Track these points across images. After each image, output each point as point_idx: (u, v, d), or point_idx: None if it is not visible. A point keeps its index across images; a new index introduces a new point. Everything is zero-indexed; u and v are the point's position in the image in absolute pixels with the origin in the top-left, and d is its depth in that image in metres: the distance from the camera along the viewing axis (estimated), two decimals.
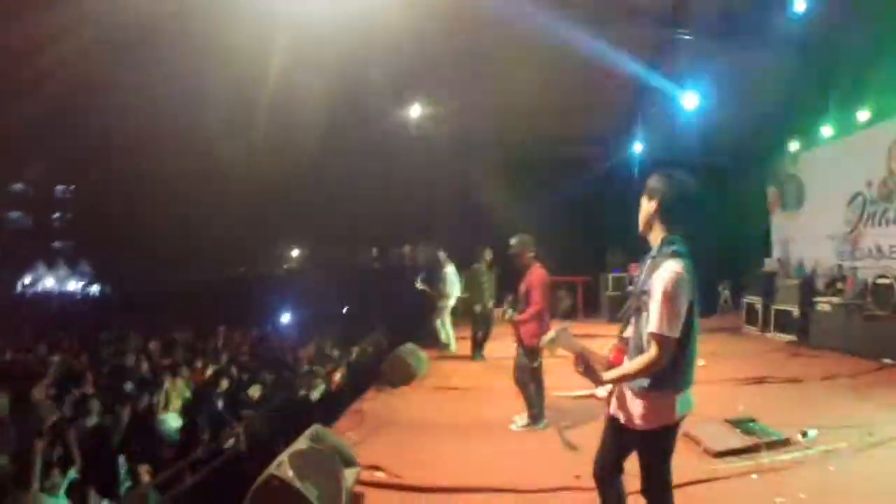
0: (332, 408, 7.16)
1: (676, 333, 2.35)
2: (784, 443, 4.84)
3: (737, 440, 4.84)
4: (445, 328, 9.79)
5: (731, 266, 13.55)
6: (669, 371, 2.42)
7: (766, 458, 4.55)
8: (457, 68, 10.39)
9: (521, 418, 5.68)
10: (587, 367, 2.53)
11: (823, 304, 9.63)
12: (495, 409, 6.26)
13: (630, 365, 2.49)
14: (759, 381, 7.30)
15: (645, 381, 2.45)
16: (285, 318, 16.29)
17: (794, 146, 12.96)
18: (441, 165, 13.95)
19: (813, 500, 3.86)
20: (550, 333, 2.54)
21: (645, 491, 2.67)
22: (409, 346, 8.26)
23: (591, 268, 14.15)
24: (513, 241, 5.75)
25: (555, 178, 13.99)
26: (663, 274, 2.39)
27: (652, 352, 2.37)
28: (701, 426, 4.85)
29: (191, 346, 11.42)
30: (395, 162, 14.00)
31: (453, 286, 9.71)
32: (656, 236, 2.58)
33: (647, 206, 2.59)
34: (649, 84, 11.50)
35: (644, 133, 13.20)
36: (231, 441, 6.04)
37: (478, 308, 8.98)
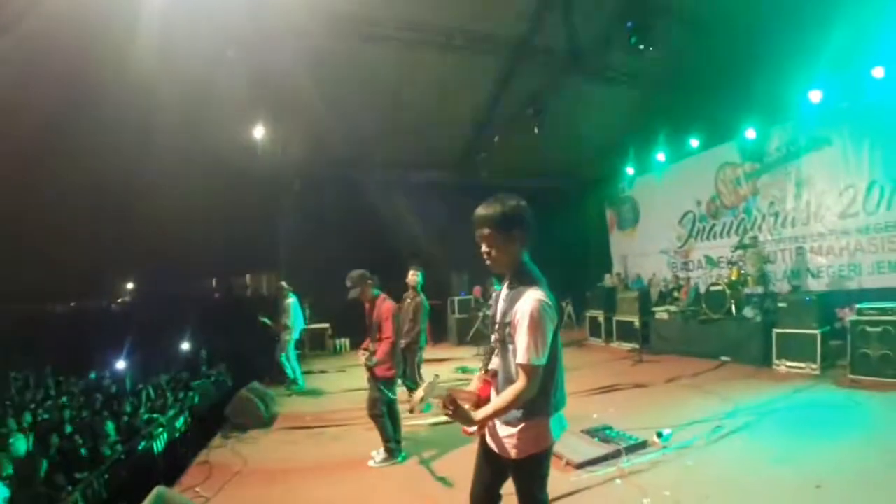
0: (177, 458, 6.33)
1: (545, 361, 2.26)
2: (642, 445, 4.86)
3: (596, 449, 4.77)
4: (291, 363, 9.04)
5: (573, 283, 13.99)
6: (541, 398, 2.34)
7: (626, 462, 4.52)
8: (304, 91, 9.97)
9: (379, 453, 5.30)
10: (457, 410, 2.29)
11: (661, 313, 10.21)
12: (354, 445, 5.79)
13: (500, 399, 2.32)
14: (608, 389, 7.45)
15: (518, 412, 2.34)
16: (120, 360, 14.48)
17: (629, 170, 13.99)
18: (284, 189, 13.22)
19: (676, 495, 3.85)
20: (419, 392, 2.30)
21: None
22: (255, 385, 7.47)
23: (437, 292, 14.05)
24: (349, 278, 5.32)
25: (399, 203, 13.73)
26: (527, 303, 2.27)
27: (521, 382, 2.26)
28: (559, 440, 4.78)
29: (12, 399, 9.62)
30: (234, 185, 12.96)
31: (297, 318, 9.07)
32: (508, 265, 2.42)
33: (493, 236, 2.36)
34: (494, 111, 11.86)
35: (488, 158, 13.53)
36: None
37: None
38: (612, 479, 4.25)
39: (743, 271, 9.22)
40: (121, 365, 14.03)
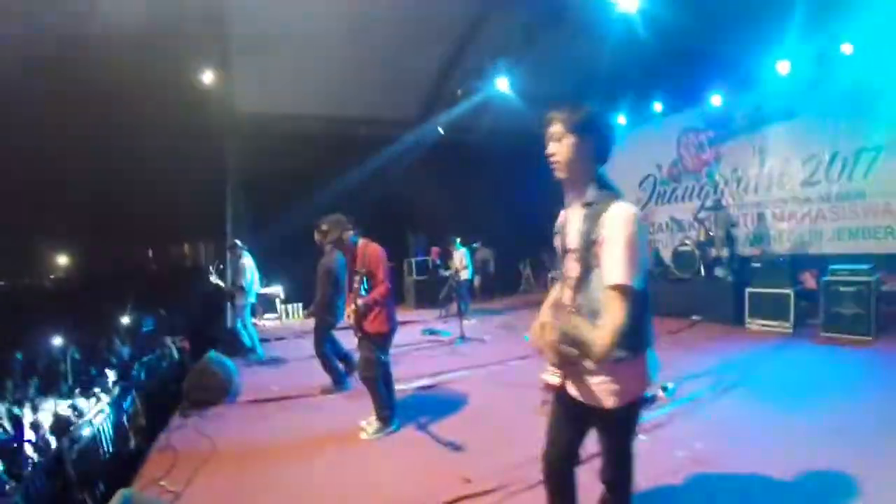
0: (127, 442, 5.63)
1: (640, 284, 1.89)
2: (651, 400, 4.74)
3: None
4: (248, 329, 8.27)
5: (530, 246, 13.97)
6: (638, 331, 1.96)
7: (643, 417, 4.42)
8: (255, 39, 9.20)
9: (370, 423, 4.68)
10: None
11: None
12: (336, 416, 5.24)
13: (602, 335, 1.85)
14: None
15: (620, 352, 1.91)
16: (57, 338, 13.29)
17: None
18: (221, 147, 12.08)
19: (710, 448, 3.80)
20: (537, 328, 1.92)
21: (611, 479, 2.32)
22: (213, 354, 6.58)
23: (392, 254, 13.42)
24: (326, 221, 4.81)
25: (350, 162, 12.74)
26: (620, 216, 1.92)
27: (616, 309, 1.85)
28: None
29: None
30: (172, 145, 11.71)
31: (254, 280, 8.24)
32: (584, 178, 2.10)
33: (573, 145, 2.07)
34: (458, 67, 11.47)
35: (447, 116, 13.09)
36: None
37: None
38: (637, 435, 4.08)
39: (711, 233, 9.42)
40: (57, 342, 12.87)
